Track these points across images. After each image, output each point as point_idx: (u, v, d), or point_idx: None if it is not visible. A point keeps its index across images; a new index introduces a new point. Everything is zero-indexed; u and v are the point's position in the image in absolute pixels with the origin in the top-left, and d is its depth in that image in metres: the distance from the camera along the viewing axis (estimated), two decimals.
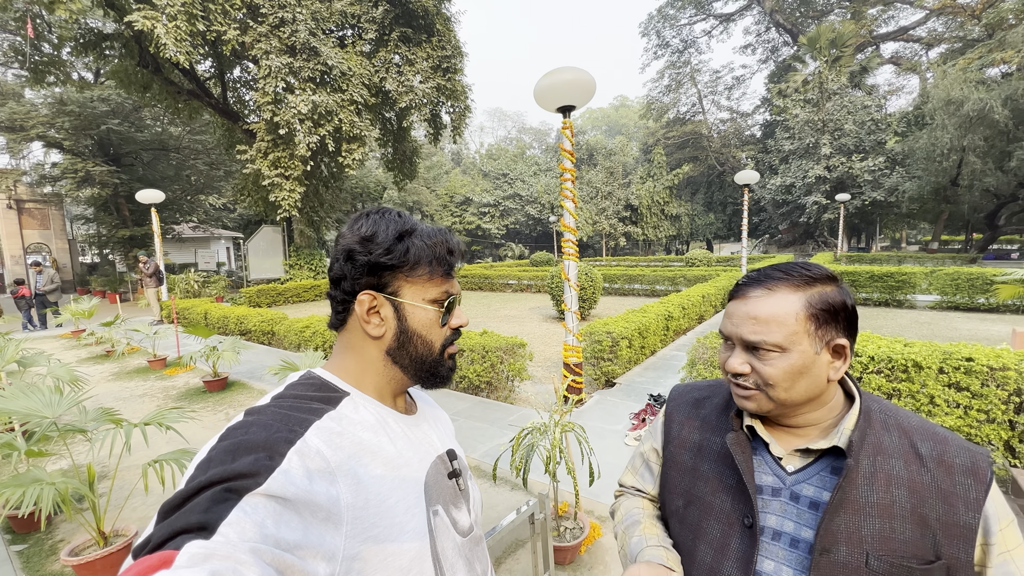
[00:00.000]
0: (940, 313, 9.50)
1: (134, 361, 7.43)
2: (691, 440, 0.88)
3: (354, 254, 0.66)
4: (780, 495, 0.74)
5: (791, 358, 0.70)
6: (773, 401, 0.73)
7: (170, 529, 0.41)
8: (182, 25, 10.70)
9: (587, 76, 4.11)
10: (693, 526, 0.82)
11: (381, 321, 0.68)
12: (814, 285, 0.72)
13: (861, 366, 3.09)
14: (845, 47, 25.23)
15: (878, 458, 0.70)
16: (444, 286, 0.71)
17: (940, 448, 0.70)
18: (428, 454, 0.71)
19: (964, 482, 0.67)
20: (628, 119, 57.57)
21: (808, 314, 0.71)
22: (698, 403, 0.92)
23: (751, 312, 0.73)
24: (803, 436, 0.76)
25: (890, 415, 0.75)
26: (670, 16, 34.94)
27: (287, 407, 0.60)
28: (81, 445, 3.98)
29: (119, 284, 18.45)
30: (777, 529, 0.73)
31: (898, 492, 0.68)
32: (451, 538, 0.69)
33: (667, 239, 34.78)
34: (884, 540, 0.66)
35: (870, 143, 23.85)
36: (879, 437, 0.72)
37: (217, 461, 0.49)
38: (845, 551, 0.67)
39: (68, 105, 16.12)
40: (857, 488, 0.69)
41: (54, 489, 2.27)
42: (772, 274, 0.74)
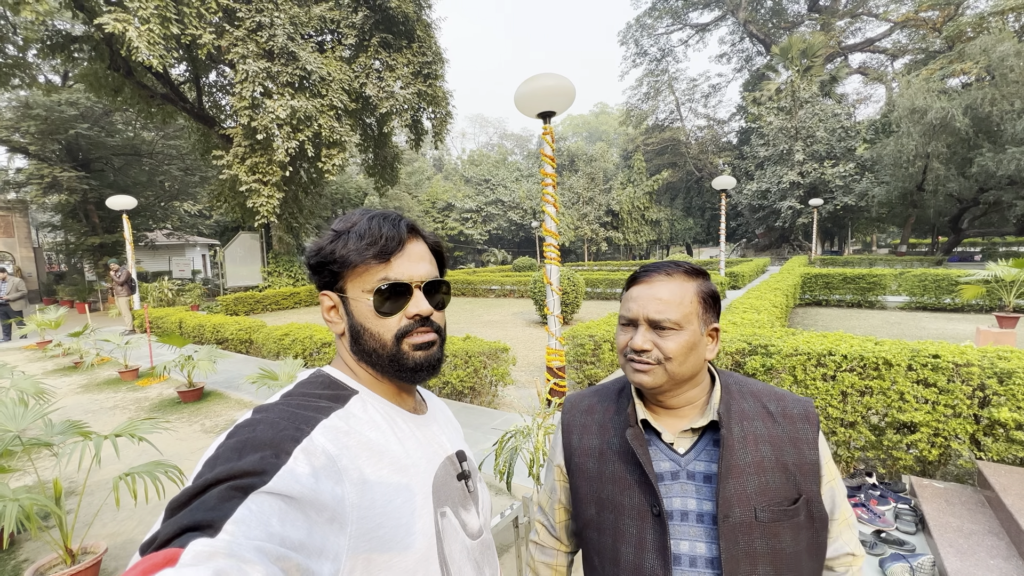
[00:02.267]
0: (909, 313, 9.84)
1: (104, 372, 7.18)
2: (591, 446, 0.90)
3: (308, 260, 0.70)
4: (679, 477, 0.81)
5: (685, 335, 0.79)
6: (668, 374, 0.80)
7: (176, 526, 0.41)
8: (155, 28, 10.47)
9: (567, 82, 4.16)
10: (611, 530, 0.84)
11: (339, 319, 0.69)
12: (699, 276, 0.84)
13: (835, 364, 3.17)
14: (815, 57, 26.12)
15: (744, 423, 0.81)
16: (382, 272, 0.66)
17: (782, 404, 0.83)
18: (437, 455, 0.70)
19: (804, 427, 0.81)
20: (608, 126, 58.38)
21: (699, 298, 0.82)
22: (590, 409, 0.95)
23: (656, 294, 0.81)
24: (684, 417, 0.85)
25: (743, 385, 0.87)
26: (648, 26, 35.66)
27: (295, 405, 0.59)
28: (47, 460, 3.83)
29: (88, 293, 17.82)
30: (683, 510, 0.79)
31: (764, 448, 0.79)
32: (460, 540, 0.68)
33: (648, 244, 35.29)
34: (763, 492, 0.76)
35: (841, 150, 24.68)
36: (739, 405, 0.83)
37: (224, 459, 0.49)
38: (739, 512, 0.75)
39: (34, 109, 15.58)
40: (735, 453, 0.78)
41: (18, 506, 2.17)
42: (667, 264, 0.84)
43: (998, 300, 8.54)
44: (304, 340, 6.45)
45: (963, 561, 2.23)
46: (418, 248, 0.71)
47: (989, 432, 2.80)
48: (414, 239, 0.71)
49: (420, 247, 0.71)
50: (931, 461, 3.00)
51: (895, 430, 3.07)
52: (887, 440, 3.06)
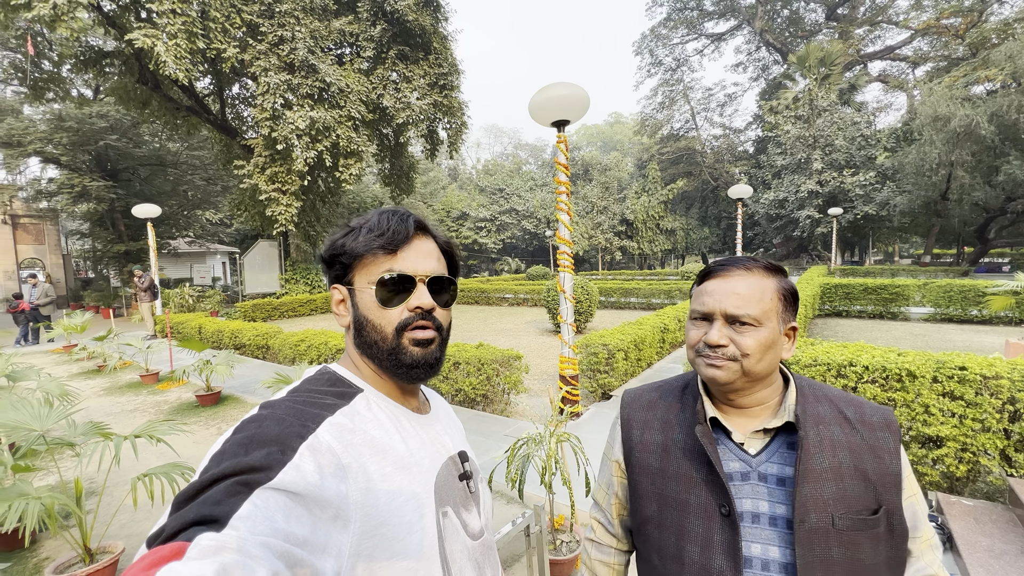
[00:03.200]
0: (934, 325, 9.56)
1: (126, 376, 7.34)
2: (654, 442, 0.89)
3: (322, 257, 0.73)
4: (749, 478, 0.78)
5: (764, 332, 0.77)
6: (743, 371, 0.78)
7: (183, 520, 0.42)
8: (182, 43, 10.84)
9: (581, 91, 4.18)
10: (674, 528, 0.82)
11: (346, 312, 0.70)
12: (779, 273, 0.82)
13: (856, 376, 3.10)
14: (834, 65, 25.82)
15: (820, 427, 0.78)
16: (387, 264, 0.67)
17: (860, 410, 0.80)
18: (440, 455, 0.71)
19: (884, 435, 0.77)
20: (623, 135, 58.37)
21: (779, 295, 0.80)
22: (652, 404, 0.93)
23: (734, 288, 0.79)
24: (755, 418, 0.82)
25: (817, 389, 0.84)
26: (663, 36, 35.69)
27: (301, 402, 0.60)
28: (69, 460, 3.92)
29: (113, 299, 18.33)
30: (754, 512, 0.77)
31: (842, 454, 0.76)
32: (461, 541, 0.68)
33: (663, 253, 35.00)
34: (841, 500, 0.73)
35: (860, 158, 24.25)
36: (815, 409, 0.80)
37: (230, 454, 0.49)
38: (815, 517, 0.73)
39: (67, 121, 16.21)
40: (812, 457, 0.75)
41: (40, 504, 2.23)
42: (745, 259, 0.82)
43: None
44: (319, 346, 6.52)
45: None
46: (426, 245, 0.72)
47: (1021, 447, 2.69)
48: (423, 236, 0.72)
49: (429, 244, 0.72)
50: (959, 477, 2.89)
51: (920, 444, 2.97)
52: (911, 455, 2.96)
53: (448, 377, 5.21)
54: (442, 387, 5.25)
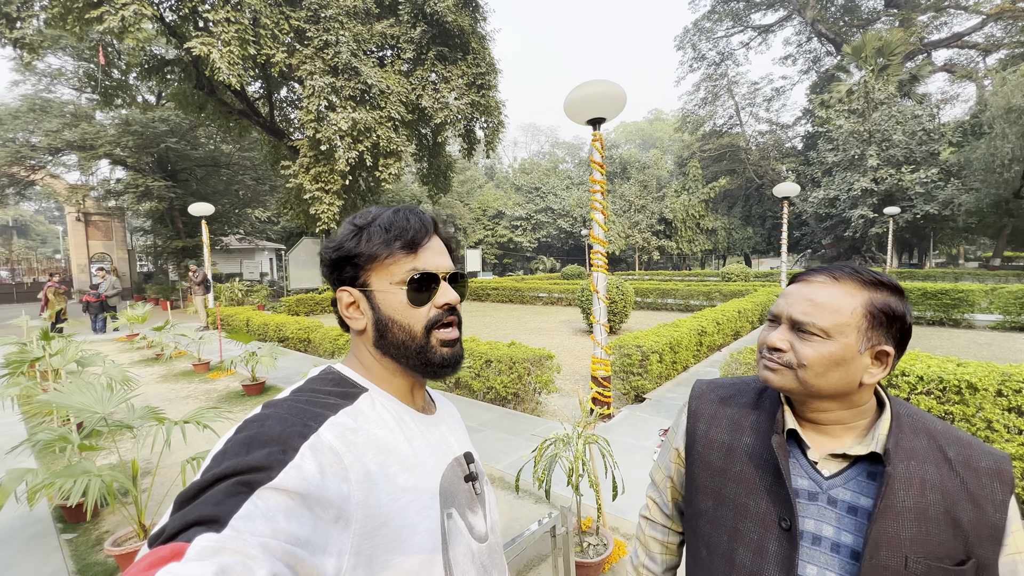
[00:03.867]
0: (1002, 334, 8.84)
1: (180, 364, 7.82)
2: (720, 440, 0.87)
3: (323, 256, 0.70)
4: (817, 499, 0.75)
5: (832, 346, 0.71)
6: (799, 381, 0.74)
7: (183, 521, 0.42)
8: (235, 49, 11.41)
9: (617, 88, 4.12)
10: (728, 528, 0.81)
11: (360, 315, 0.68)
12: (881, 289, 0.73)
13: (909, 386, 2.91)
14: (893, 55, 24.24)
15: (911, 463, 0.72)
16: (410, 263, 0.67)
17: (966, 452, 0.73)
18: (445, 456, 0.70)
19: (991, 484, 0.70)
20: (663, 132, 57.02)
21: (865, 311, 0.72)
22: (724, 402, 0.91)
23: (810, 295, 0.75)
24: (835, 438, 0.77)
25: (917, 419, 0.76)
26: (706, 29, 34.58)
27: (304, 401, 0.60)
28: (127, 441, 4.21)
29: (171, 292, 19.55)
30: (816, 533, 0.74)
31: (932, 496, 0.70)
32: (465, 544, 0.67)
33: (702, 253, 33.96)
34: (921, 543, 0.68)
35: (921, 154, 22.65)
36: (910, 442, 0.73)
37: (232, 454, 0.49)
38: (886, 555, 0.68)
39: (132, 125, 17.41)
40: (895, 493, 0.70)
41: (101, 481, 2.41)
42: (839, 267, 0.76)
43: None
44: None
45: None
46: (438, 242, 0.72)
47: None
48: (434, 233, 0.72)
49: (439, 241, 0.73)
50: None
51: None
52: None
53: (480, 375, 5.25)
54: (473, 384, 5.30)
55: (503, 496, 3.27)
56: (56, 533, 2.98)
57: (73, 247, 22.59)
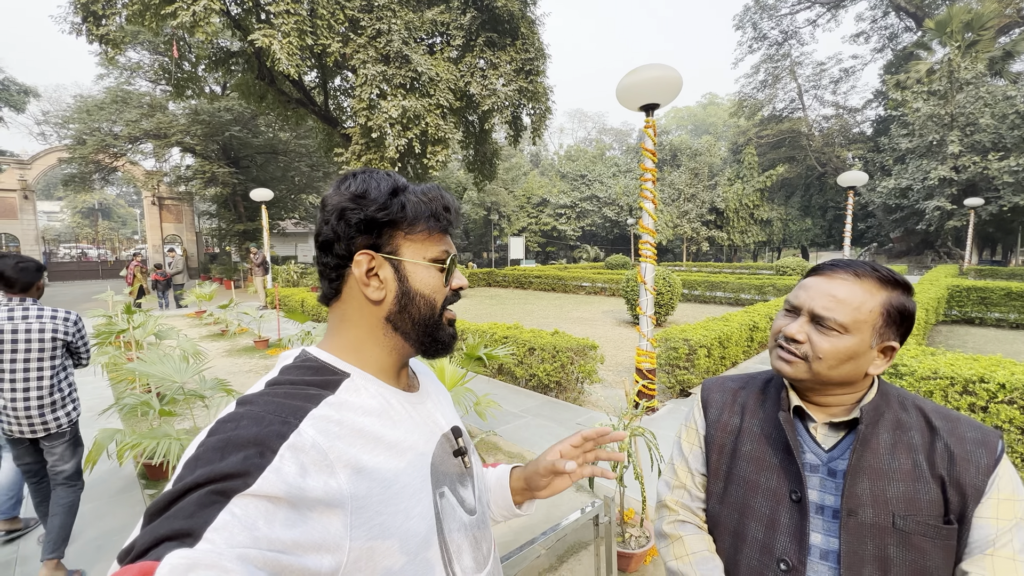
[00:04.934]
0: None
1: (243, 341, 8.37)
2: (732, 424, 0.92)
3: (347, 212, 0.62)
4: (818, 471, 0.80)
5: (847, 341, 0.76)
6: (812, 373, 0.78)
7: (153, 536, 0.39)
8: (294, 40, 11.86)
9: (673, 73, 3.98)
10: (738, 505, 0.86)
11: (381, 284, 0.64)
12: (895, 288, 0.78)
13: (988, 394, 2.70)
14: (984, 30, 21.91)
15: (897, 431, 0.78)
16: (443, 244, 0.68)
17: (952, 424, 0.78)
18: (433, 433, 0.69)
19: (976, 451, 0.74)
20: (717, 117, 54.46)
21: (883, 310, 0.77)
22: (735, 392, 0.96)
23: (832, 290, 0.78)
24: (830, 413, 0.83)
25: (906, 397, 0.83)
26: (769, 7, 32.47)
27: (282, 394, 0.56)
28: (199, 410, 4.58)
29: (233, 272, 20.85)
30: (819, 503, 0.79)
31: (918, 457, 0.76)
32: (457, 518, 0.67)
33: (755, 245, 32.40)
34: (909, 502, 0.74)
35: (1013, 139, 20.44)
36: (898, 415, 0.80)
37: (205, 460, 0.46)
38: (871, 513, 0.74)
39: (201, 115, 18.56)
40: (879, 456, 0.76)
41: (179, 444, 2.64)
42: (862, 264, 0.80)
43: None
44: None
45: None
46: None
47: None
48: None
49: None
50: None
51: None
52: None
53: (523, 362, 5.31)
54: (516, 371, 5.37)
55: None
56: (140, 488, 3.31)
57: (149, 229, 24.51)
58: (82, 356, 2.61)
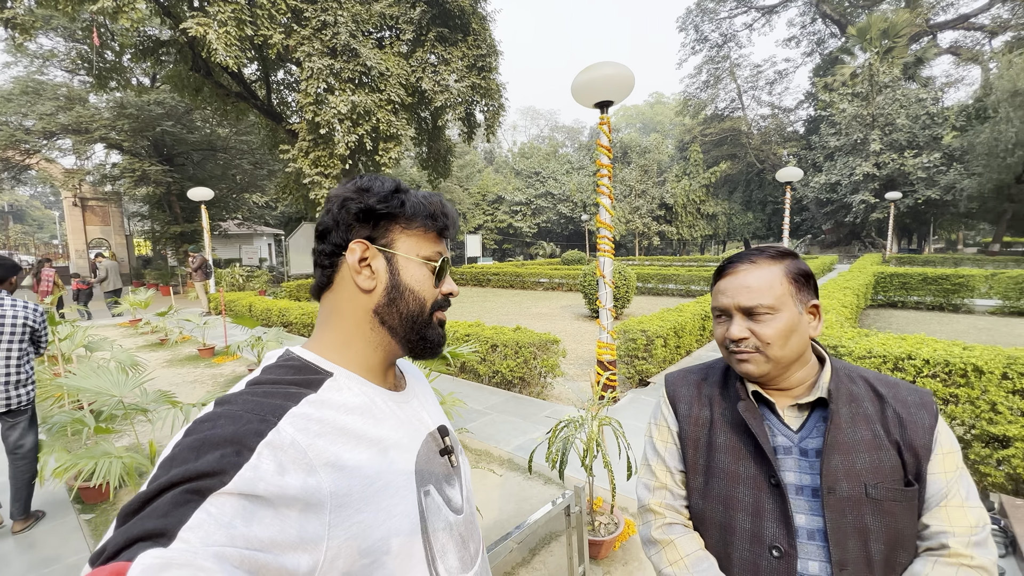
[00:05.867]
0: (1002, 319, 8.90)
1: (185, 349, 7.85)
2: (703, 417, 0.93)
3: (348, 202, 0.64)
4: (791, 452, 0.83)
5: (783, 318, 0.80)
6: (770, 360, 0.81)
7: (126, 536, 0.38)
8: (232, 30, 11.20)
9: (626, 71, 4.07)
10: (722, 498, 0.87)
11: (372, 274, 0.64)
12: (785, 257, 0.84)
13: (915, 369, 2.95)
14: (898, 37, 23.92)
15: (852, 404, 0.82)
16: (438, 246, 0.69)
17: (895, 390, 0.83)
18: (419, 432, 0.68)
19: (919, 413, 0.80)
20: (663, 116, 56.42)
21: (789, 278, 0.83)
22: (699, 385, 0.97)
23: (744, 283, 0.83)
24: (793, 395, 0.86)
25: (851, 369, 0.88)
26: (709, 10, 34.00)
27: (261, 393, 0.55)
28: (140, 424, 4.25)
29: (170, 277, 19.51)
30: (797, 484, 0.81)
31: (875, 427, 0.80)
32: (443, 518, 0.66)
33: (703, 239, 33.93)
34: (875, 470, 0.78)
35: (924, 138, 22.50)
36: (849, 388, 0.84)
37: (180, 460, 0.45)
38: (847, 487, 0.77)
39: (128, 108, 17.17)
40: (843, 431, 0.80)
41: (120, 463, 2.45)
42: (750, 252, 0.86)
43: None
44: None
45: None
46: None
47: None
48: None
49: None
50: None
51: (984, 444, 2.81)
52: (973, 454, 2.82)
53: (486, 359, 5.29)
54: (479, 368, 5.35)
55: (513, 477, 3.33)
56: (75, 513, 3.04)
57: (71, 232, 22.46)
58: (42, 343, 2.96)
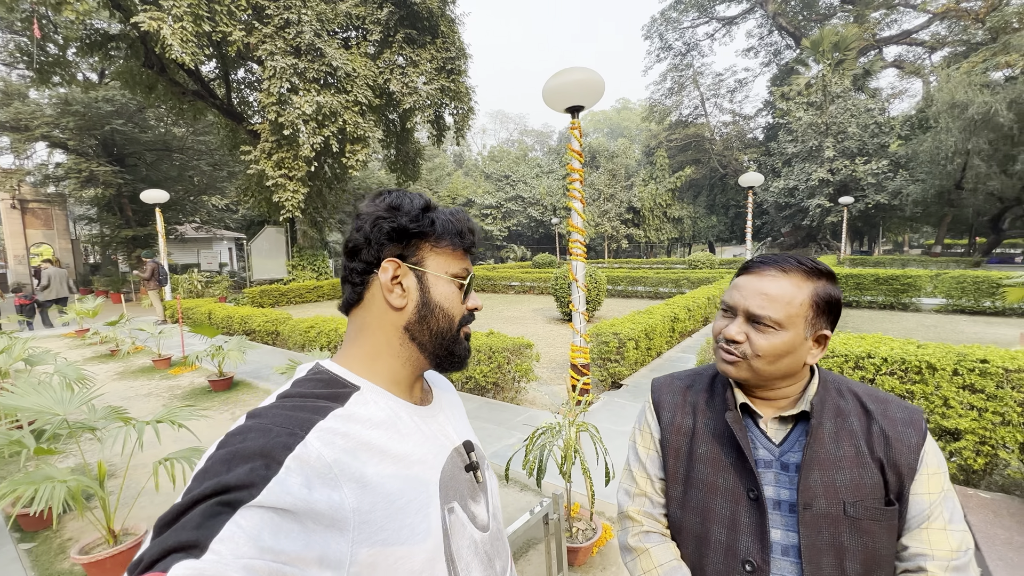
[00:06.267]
0: (946, 316, 9.47)
1: (139, 361, 7.42)
2: (685, 425, 0.91)
3: (380, 221, 0.65)
4: (772, 466, 0.81)
5: (784, 337, 0.77)
6: (753, 371, 0.79)
7: (161, 548, 0.41)
8: (188, 26, 10.73)
9: (596, 76, 4.10)
10: (699, 509, 0.85)
11: (404, 292, 0.66)
12: (820, 278, 0.80)
13: (874, 368, 3.07)
14: (848, 50, 25.24)
15: (838, 419, 0.80)
16: (464, 263, 0.71)
17: (883, 406, 0.81)
18: (444, 448, 0.68)
19: (906, 431, 0.78)
20: (630, 122, 57.63)
21: (812, 302, 0.78)
22: (684, 392, 0.96)
23: (763, 288, 0.79)
24: (778, 407, 0.84)
25: (842, 383, 0.86)
26: (673, 19, 34.98)
27: (290, 407, 0.57)
28: (88, 443, 3.98)
29: (122, 284, 18.47)
30: (775, 499, 0.80)
31: (859, 443, 0.78)
32: (468, 535, 0.66)
33: (669, 241, 34.75)
34: (856, 488, 0.76)
35: (873, 146, 23.80)
36: (836, 401, 0.82)
37: (212, 472, 0.47)
38: (825, 503, 0.76)
39: (73, 105, 16.16)
40: (825, 446, 0.78)
41: (65, 487, 2.26)
42: (787, 259, 0.81)
43: None
44: (329, 332, 6.55)
45: (1013, 574, 2.13)
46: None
47: None
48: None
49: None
50: (976, 470, 2.88)
51: (937, 437, 2.95)
52: None
53: None
54: (452, 375, 5.27)
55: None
56: (13, 543, 2.79)
57: (8, 236, 20.93)
58: None
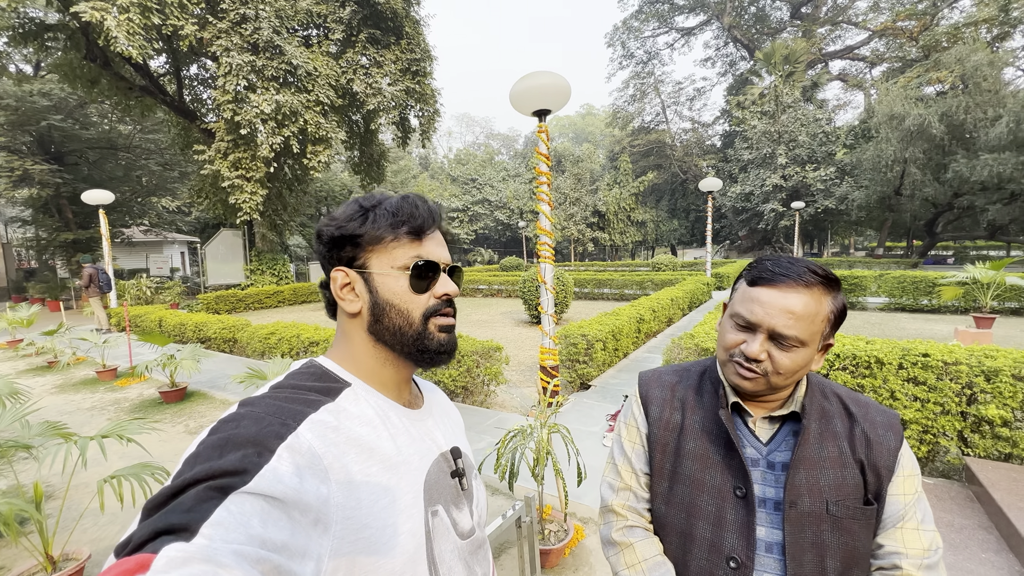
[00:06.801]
0: (888, 314, 10.09)
1: (80, 372, 6.93)
2: (673, 421, 0.91)
3: (321, 233, 0.67)
4: (759, 464, 0.82)
5: (804, 353, 0.77)
6: (769, 385, 0.79)
7: (151, 529, 0.40)
8: (135, 18, 10.17)
9: (563, 80, 4.15)
10: (685, 505, 0.85)
11: (356, 297, 0.66)
12: (836, 289, 0.79)
13: (828, 363, 3.23)
14: (797, 63, 26.65)
15: (823, 420, 0.82)
16: (414, 250, 0.66)
17: (865, 410, 0.84)
18: (430, 451, 0.68)
19: (885, 434, 0.81)
20: (595, 127, 58.71)
21: (830, 315, 0.78)
22: (673, 387, 0.95)
23: (789, 305, 0.75)
24: (769, 408, 0.85)
25: (826, 385, 0.88)
26: (634, 28, 35.97)
27: (283, 398, 0.57)
28: (24, 463, 3.67)
29: (60, 291, 17.23)
30: (761, 496, 0.81)
31: (842, 444, 0.80)
32: (450, 540, 0.65)
33: (633, 244, 35.60)
34: (838, 487, 0.78)
35: (822, 154, 25.21)
36: (821, 403, 0.84)
37: (204, 457, 0.47)
38: (809, 502, 0.77)
39: (3, 99, 14.99)
40: (811, 447, 0.79)
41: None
42: (805, 271, 0.76)
43: (973, 301, 8.81)
44: (291, 339, 6.32)
45: (956, 555, 2.27)
46: (439, 234, 0.72)
47: (976, 429, 2.87)
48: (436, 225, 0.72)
49: (438, 232, 0.72)
50: (919, 458, 3.07)
51: None
52: None
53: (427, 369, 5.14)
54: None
55: None
56: None
57: None
58: None
